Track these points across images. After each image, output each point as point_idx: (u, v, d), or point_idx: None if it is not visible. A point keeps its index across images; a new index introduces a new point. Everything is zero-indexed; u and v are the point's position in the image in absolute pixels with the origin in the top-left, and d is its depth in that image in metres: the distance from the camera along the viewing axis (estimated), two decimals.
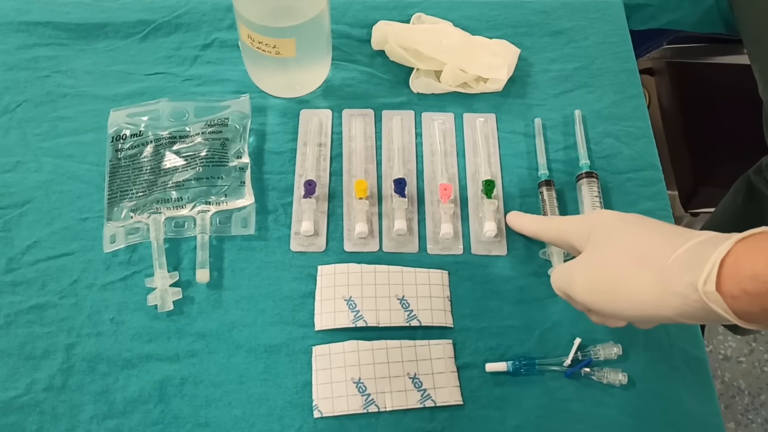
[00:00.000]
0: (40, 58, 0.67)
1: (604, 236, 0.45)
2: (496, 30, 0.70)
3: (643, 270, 0.40)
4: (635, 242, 0.42)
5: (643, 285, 0.40)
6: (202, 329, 0.54)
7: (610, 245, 0.44)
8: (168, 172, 0.59)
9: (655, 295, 0.39)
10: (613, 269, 0.42)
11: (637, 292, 0.40)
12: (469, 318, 0.55)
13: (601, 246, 0.44)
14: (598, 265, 0.44)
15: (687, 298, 0.37)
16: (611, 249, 0.43)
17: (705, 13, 0.84)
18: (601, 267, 0.43)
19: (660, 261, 0.39)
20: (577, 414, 0.52)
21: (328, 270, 0.57)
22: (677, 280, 0.38)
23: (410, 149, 0.63)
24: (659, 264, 0.39)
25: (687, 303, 0.37)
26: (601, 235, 0.45)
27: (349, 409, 0.51)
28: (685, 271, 0.37)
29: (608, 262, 0.43)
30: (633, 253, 0.41)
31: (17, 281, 0.56)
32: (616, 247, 0.43)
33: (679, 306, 0.38)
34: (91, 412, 0.51)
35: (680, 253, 0.38)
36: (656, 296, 0.39)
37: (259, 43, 0.58)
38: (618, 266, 0.42)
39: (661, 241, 0.40)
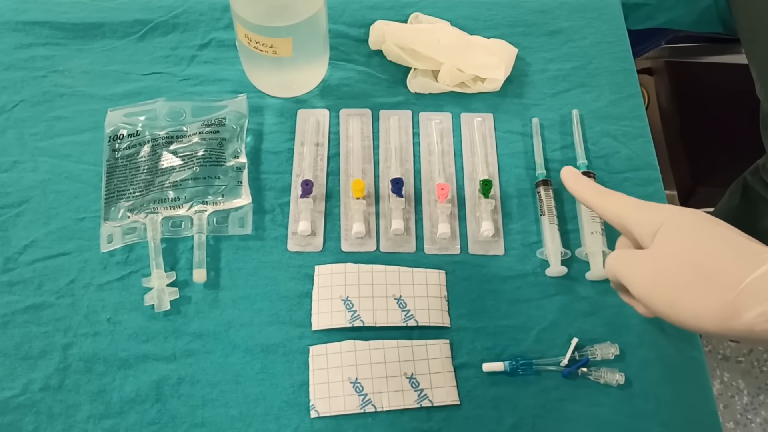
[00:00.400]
0: (37, 57, 0.67)
1: (675, 237, 0.42)
2: (494, 30, 0.70)
3: (713, 289, 0.38)
4: (708, 254, 0.40)
5: (711, 305, 0.38)
6: (199, 329, 0.54)
7: (681, 250, 0.41)
8: (165, 171, 0.59)
9: (721, 318, 0.38)
10: (681, 278, 0.40)
11: (703, 309, 0.39)
12: (466, 318, 0.55)
13: (671, 247, 0.42)
14: (666, 268, 0.41)
15: (753, 327, 0.36)
16: (682, 255, 0.41)
17: (702, 12, 0.84)
18: (669, 272, 0.41)
19: (731, 282, 0.37)
20: (574, 414, 0.52)
21: (325, 270, 0.57)
22: (747, 310, 0.36)
23: (407, 149, 0.63)
24: (730, 286, 0.37)
25: (753, 332, 0.36)
26: (672, 236, 0.42)
27: (346, 409, 0.51)
28: (757, 302, 0.36)
29: (677, 268, 0.40)
30: (704, 267, 0.39)
31: (14, 281, 0.56)
32: (688, 255, 0.40)
33: (742, 332, 0.37)
34: (87, 412, 0.51)
35: (753, 279, 0.37)
36: (721, 319, 0.38)
37: (256, 42, 0.58)
38: (687, 276, 0.40)
39: (734, 259, 0.39)
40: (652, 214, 0.44)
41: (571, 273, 0.57)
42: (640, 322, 0.55)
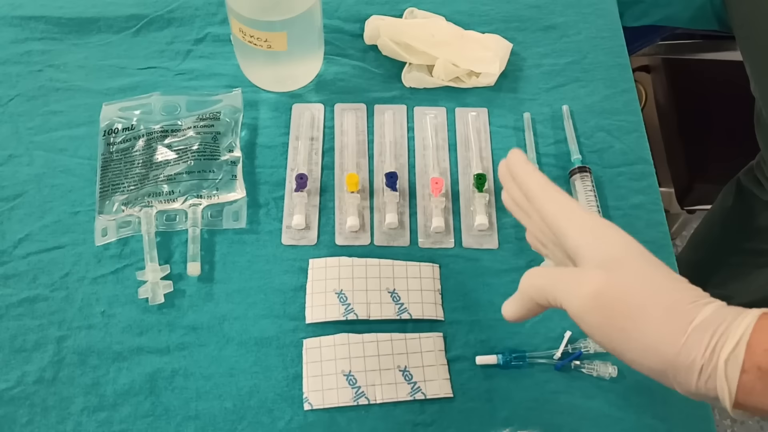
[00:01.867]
0: (33, 52, 0.67)
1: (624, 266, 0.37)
2: (489, 25, 0.70)
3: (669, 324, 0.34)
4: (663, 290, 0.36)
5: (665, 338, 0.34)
6: (192, 322, 0.54)
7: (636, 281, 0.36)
8: (160, 165, 0.59)
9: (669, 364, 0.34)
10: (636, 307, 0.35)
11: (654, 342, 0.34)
12: (460, 311, 0.55)
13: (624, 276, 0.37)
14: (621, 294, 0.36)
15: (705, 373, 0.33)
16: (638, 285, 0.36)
17: (698, 9, 0.84)
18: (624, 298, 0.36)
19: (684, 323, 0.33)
20: (567, 406, 0.52)
21: (319, 263, 0.57)
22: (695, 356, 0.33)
23: (402, 143, 0.63)
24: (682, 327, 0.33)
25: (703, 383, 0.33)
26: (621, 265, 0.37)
27: (340, 401, 0.51)
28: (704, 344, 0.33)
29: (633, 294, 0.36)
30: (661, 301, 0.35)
31: (8, 274, 0.56)
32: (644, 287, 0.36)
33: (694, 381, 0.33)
34: (81, 404, 0.51)
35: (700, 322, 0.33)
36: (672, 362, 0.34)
37: (250, 37, 0.58)
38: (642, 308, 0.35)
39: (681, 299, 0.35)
40: (598, 238, 0.39)
41: None
42: None
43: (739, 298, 0.98)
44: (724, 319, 0.33)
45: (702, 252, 1.03)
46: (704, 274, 1.01)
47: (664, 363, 0.34)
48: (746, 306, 0.35)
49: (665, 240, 0.59)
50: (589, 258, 0.38)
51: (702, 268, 1.02)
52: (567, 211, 0.40)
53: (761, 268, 0.93)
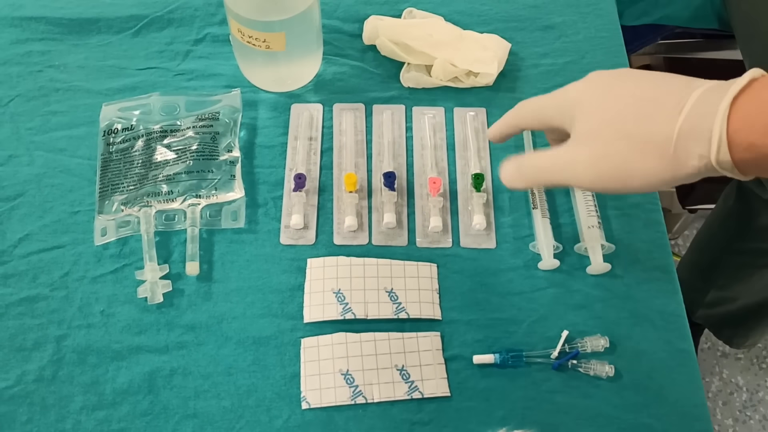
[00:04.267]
0: (33, 52, 0.68)
1: (595, 117, 0.43)
2: (487, 25, 0.70)
3: (652, 154, 0.40)
4: (632, 123, 0.41)
5: (656, 169, 0.40)
6: (191, 321, 0.55)
7: (607, 130, 0.42)
8: (159, 165, 0.59)
9: (669, 174, 0.40)
10: (620, 158, 0.41)
11: (650, 175, 0.41)
12: (458, 310, 0.55)
13: (597, 131, 0.42)
14: (603, 155, 0.42)
15: (700, 170, 0.38)
16: (610, 134, 0.42)
17: (698, 8, 0.84)
18: (607, 157, 0.42)
19: (665, 140, 0.39)
20: (564, 405, 0.52)
21: (317, 263, 0.57)
22: (689, 159, 0.38)
23: (400, 143, 0.63)
24: (665, 143, 0.39)
25: (700, 173, 0.39)
26: (592, 117, 0.43)
27: (337, 400, 0.51)
28: (694, 146, 0.38)
29: (613, 151, 0.41)
30: (635, 138, 0.40)
31: (8, 273, 0.56)
32: (615, 132, 0.41)
33: (692, 176, 0.39)
34: (80, 403, 0.51)
35: (682, 126, 0.38)
36: (670, 175, 0.40)
37: (249, 37, 0.58)
38: (625, 154, 0.41)
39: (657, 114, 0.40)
40: (561, 98, 0.45)
41: (563, 266, 0.57)
42: (630, 315, 0.55)
43: (744, 299, 0.98)
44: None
45: (704, 254, 1.03)
46: (708, 276, 1.01)
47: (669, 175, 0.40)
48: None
49: (663, 240, 0.59)
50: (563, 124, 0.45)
51: (705, 270, 1.02)
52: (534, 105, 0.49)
53: (764, 268, 0.93)
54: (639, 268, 0.57)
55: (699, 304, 1.04)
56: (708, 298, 1.02)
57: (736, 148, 0.37)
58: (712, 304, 1.02)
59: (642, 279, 0.57)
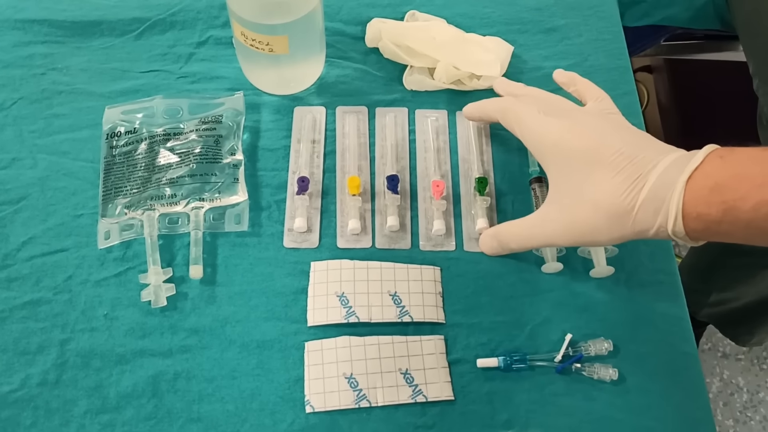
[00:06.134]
0: (36, 55, 0.68)
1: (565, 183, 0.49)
2: (490, 27, 0.70)
3: (617, 222, 0.46)
4: (599, 194, 0.47)
5: (619, 232, 0.47)
6: (195, 325, 0.55)
7: (576, 197, 0.48)
8: (162, 168, 0.59)
9: (630, 235, 0.47)
10: (588, 226, 0.48)
11: (614, 237, 0.47)
12: (461, 314, 0.56)
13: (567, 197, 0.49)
14: (572, 222, 0.49)
15: (657, 235, 0.45)
16: (578, 203, 0.48)
17: (699, 9, 0.84)
18: (576, 224, 0.49)
19: (627, 211, 0.45)
20: (568, 409, 0.52)
21: (320, 266, 0.57)
22: (648, 229, 0.45)
23: (403, 146, 0.63)
24: (628, 213, 0.45)
25: (657, 236, 0.45)
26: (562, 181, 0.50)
27: (341, 404, 0.52)
28: (652, 218, 0.44)
29: (581, 218, 0.48)
30: (602, 208, 0.46)
31: (12, 277, 0.56)
32: (582, 201, 0.48)
33: (653, 237, 0.46)
34: (84, 406, 0.51)
35: (643, 200, 0.44)
36: (631, 236, 0.47)
37: (252, 40, 0.58)
38: (592, 222, 0.47)
39: (622, 186, 0.45)
40: (541, 139, 0.52)
41: (566, 269, 0.57)
42: (633, 318, 0.55)
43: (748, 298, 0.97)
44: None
45: (706, 255, 1.03)
46: (709, 278, 1.01)
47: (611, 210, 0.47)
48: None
49: (666, 243, 0.59)
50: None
51: (706, 271, 1.02)
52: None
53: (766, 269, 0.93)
54: (642, 271, 0.57)
55: (702, 304, 1.04)
56: (711, 299, 1.02)
57: (687, 218, 0.43)
58: (715, 304, 1.02)
59: (645, 282, 0.57)
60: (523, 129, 0.53)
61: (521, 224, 0.53)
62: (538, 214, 0.52)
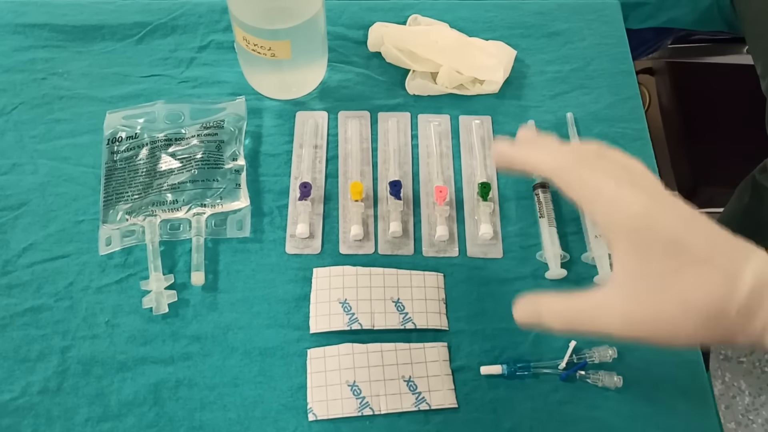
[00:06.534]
0: (37, 60, 0.67)
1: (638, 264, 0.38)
2: (493, 31, 0.70)
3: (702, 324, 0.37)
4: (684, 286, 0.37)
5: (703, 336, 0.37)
6: (197, 332, 0.54)
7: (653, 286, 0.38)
8: (163, 174, 0.59)
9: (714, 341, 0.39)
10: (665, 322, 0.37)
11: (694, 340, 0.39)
12: (464, 321, 0.55)
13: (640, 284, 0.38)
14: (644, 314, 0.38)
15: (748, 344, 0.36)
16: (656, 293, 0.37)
17: (704, 11, 0.83)
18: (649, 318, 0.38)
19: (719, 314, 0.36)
20: (572, 417, 0.52)
21: (323, 272, 0.56)
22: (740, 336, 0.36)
23: (406, 151, 0.63)
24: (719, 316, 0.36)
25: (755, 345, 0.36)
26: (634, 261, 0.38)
27: (344, 412, 0.51)
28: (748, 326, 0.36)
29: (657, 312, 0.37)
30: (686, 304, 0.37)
31: (12, 284, 0.56)
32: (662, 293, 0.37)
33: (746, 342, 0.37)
34: (86, 414, 0.51)
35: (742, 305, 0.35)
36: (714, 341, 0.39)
37: (254, 45, 0.58)
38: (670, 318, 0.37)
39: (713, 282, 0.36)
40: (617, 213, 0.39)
41: (570, 276, 0.57)
42: None
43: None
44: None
45: None
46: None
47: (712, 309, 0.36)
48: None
49: None
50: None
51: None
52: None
53: None
54: None
55: None
56: None
57: None
58: None
59: None
60: (593, 200, 0.40)
61: (571, 304, 0.41)
62: (596, 298, 0.40)
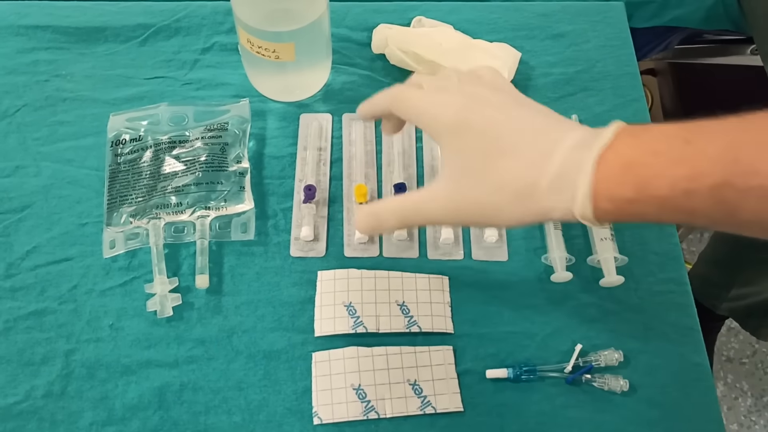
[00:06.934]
0: (40, 62, 0.67)
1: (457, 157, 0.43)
2: (497, 33, 0.70)
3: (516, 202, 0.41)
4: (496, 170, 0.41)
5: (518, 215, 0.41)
6: (201, 335, 0.54)
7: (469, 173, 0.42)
8: (167, 176, 0.59)
9: (530, 219, 0.41)
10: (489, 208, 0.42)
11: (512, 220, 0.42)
12: (470, 324, 0.55)
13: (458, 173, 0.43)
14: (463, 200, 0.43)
15: (562, 218, 0.40)
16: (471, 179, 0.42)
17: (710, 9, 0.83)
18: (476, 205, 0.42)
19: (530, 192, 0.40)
20: (578, 420, 0.52)
21: (327, 275, 0.56)
22: (553, 212, 0.40)
23: (411, 154, 0.63)
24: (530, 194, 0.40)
25: (562, 219, 0.40)
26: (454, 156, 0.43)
27: (349, 415, 0.51)
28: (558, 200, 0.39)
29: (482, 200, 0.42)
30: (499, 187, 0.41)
31: (16, 287, 0.56)
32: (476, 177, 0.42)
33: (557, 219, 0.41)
34: (90, 418, 0.51)
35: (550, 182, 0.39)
36: (531, 219, 0.41)
37: (258, 47, 0.58)
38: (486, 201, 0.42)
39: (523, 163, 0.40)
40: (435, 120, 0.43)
41: (576, 279, 0.56)
42: (644, 328, 0.55)
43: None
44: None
45: (725, 250, 1.01)
46: (729, 273, 1.00)
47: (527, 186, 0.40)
48: None
49: (676, 252, 0.58)
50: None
51: (726, 266, 1.00)
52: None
53: None
54: (652, 281, 0.57)
55: (723, 297, 1.02)
56: (732, 293, 1.00)
57: (597, 199, 0.38)
58: (736, 298, 1.01)
59: (655, 292, 0.56)
60: (417, 112, 0.45)
61: (403, 200, 0.46)
62: (426, 192, 0.45)
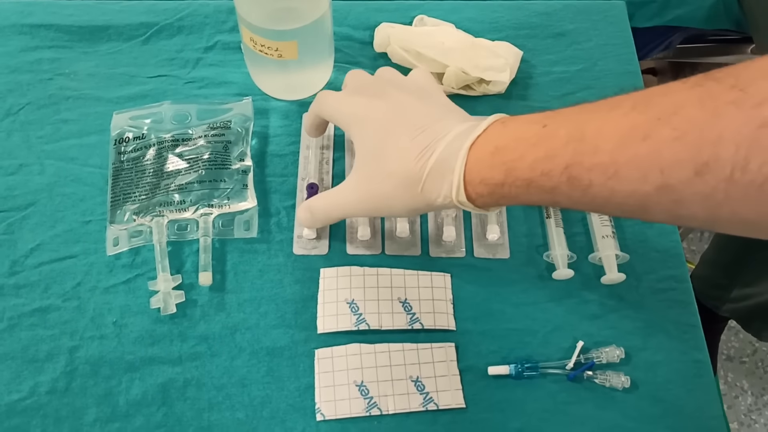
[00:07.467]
0: (43, 60, 0.67)
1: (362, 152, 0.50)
2: (499, 32, 0.70)
3: (408, 191, 0.46)
4: (392, 162, 0.47)
5: (412, 202, 0.47)
6: (204, 332, 0.54)
7: (371, 167, 0.49)
8: (171, 174, 0.59)
9: (423, 206, 0.47)
10: (383, 197, 0.48)
11: (409, 208, 0.48)
12: (472, 321, 0.55)
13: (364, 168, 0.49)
14: (368, 192, 0.49)
15: (445, 204, 0.46)
16: (373, 173, 0.48)
17: (710, 8, 0.83)
18: (372, 195, 0.49)
19: (416, 180, 0.46)
20: (579, 417, 0.52)
21: (330, 273, 0.57)
22: (436, 198, 0.46)
23: None
24: (417, 182, 0.46)
25: (446, 206, 0.46)
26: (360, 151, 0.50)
27: (352, 412, 0.51)
28: (438, 187, 0.45)
29: (375, 189, 0.48)
30: (393, 177, 0.47)
31: (20, 284, 0.56)
32: (377, 171, 0.48)
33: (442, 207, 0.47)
34: (94, 415, 0.51)
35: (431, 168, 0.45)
36: (424, 206, 0.47)
37: (261, 45, 0.58)
38: (386, 192, 0.48)
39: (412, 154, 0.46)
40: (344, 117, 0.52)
41: (578, 276, 0.57)
42: (645, 325, 0.55)
43: None
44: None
45: (728, 250, 1.01)
46: (732, 273, 1.00)
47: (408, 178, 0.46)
48: None
49: (677, 249, 0.58)
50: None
51: (728, 266, 1.01)
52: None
53: None
54: (653, 278, 0.57)
55: (725, 299, 1.02)
56: (734, 294, 1.01)
57: (472, 184, 0.43)
58: (739, 299, 1.01)
59: (656, 289, 0.57)
60: (335, 113, 0.52)
61: (326, 196, 0.53)
62: (341, 186, 0.52)
